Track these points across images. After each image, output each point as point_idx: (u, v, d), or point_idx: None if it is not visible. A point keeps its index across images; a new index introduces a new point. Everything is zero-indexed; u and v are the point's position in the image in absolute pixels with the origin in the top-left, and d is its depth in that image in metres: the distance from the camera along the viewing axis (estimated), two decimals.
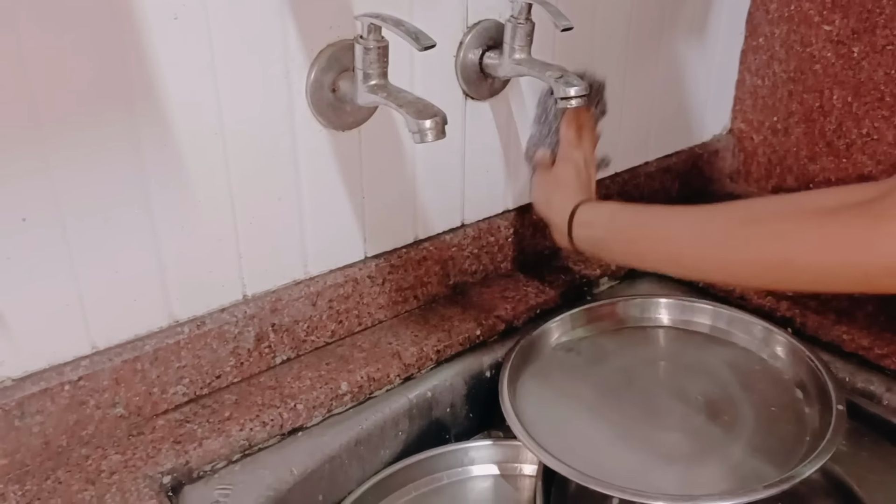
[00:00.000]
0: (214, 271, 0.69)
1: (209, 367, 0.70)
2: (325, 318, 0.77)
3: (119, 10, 0.56)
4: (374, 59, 0.65)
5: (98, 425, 0.65)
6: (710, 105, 1.10)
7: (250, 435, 0.67)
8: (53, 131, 0.56)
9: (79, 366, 0.63)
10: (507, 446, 0.75)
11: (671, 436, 0.71)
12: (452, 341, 0.80)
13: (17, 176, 0.56)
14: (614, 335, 0.84)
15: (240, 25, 0.62)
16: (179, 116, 0.62)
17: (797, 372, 0.76)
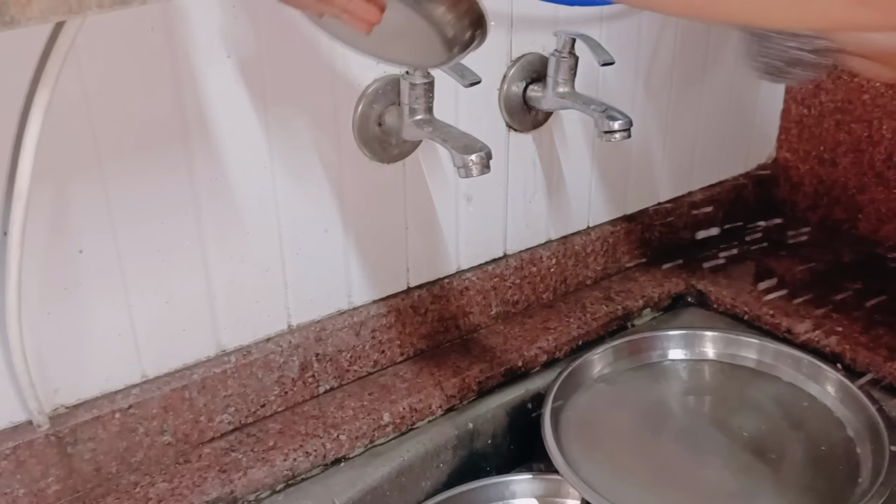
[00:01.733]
0: (261, 301, 0.70)
1: (254, 395, 0.71)
2: (367, 348, 0.78)
3: (176, 50, 0.58)
4: (420, 94, 0.66)
5: (146, 452, 0.66)
6: (755, 134, 1.10)
7: (294, 465, 0.68)
8: (112, 166, 0.58)
9: (129, 394, 0.64)
10: (549, 480, 0.75)
11: (716, 473, 0.70)
12: (494, 372, 0.80)
13: (78, 210, 0.58)
14: (657, 368, 0.83)
15: (290, 62, 0.64)
16: (231, 150, 0.63)
17: (847, 410, 0.75)
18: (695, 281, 0.96)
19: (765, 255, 1.02)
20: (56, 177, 0.56)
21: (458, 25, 0.52)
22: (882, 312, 0.87)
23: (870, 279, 0.95)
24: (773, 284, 0.95)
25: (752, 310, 0.90)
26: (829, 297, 0.91)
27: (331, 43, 0.65)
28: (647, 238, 0.99)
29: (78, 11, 0.36)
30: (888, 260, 1.00)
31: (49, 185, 0.56)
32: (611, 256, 0.96)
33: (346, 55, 0.67)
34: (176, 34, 0.57)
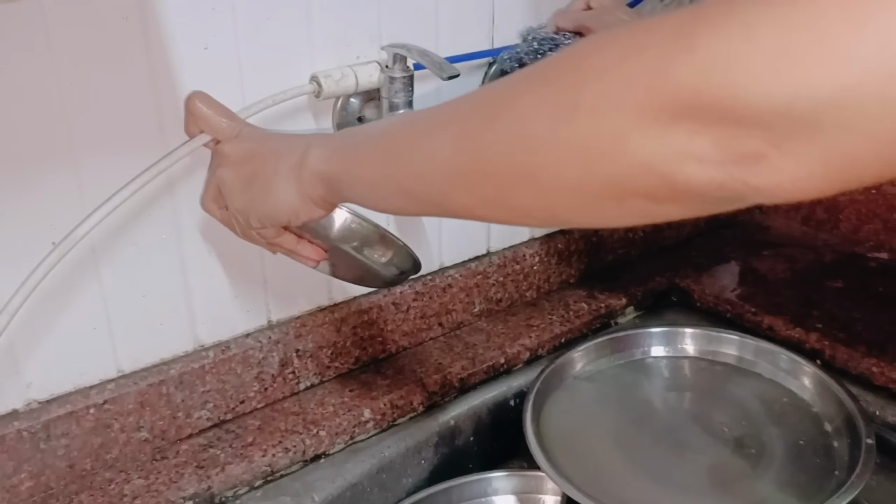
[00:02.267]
0: (240, 296, 0.70)
1: (233, 391, 0.70)
2: (349, 345, 0.77)
3: (151, 41, 0.57)
4: (400, 88, 0.66)
5: (122, 449, 0.65)
6: None
7: (273, 461, 0.67)
8: (87, 157, 0.58)
9: (105, 389, 0.64)
10: (530, 476, 0.74)
11: (697, 468, 0.70)
12: (476, 369, 0.80)
13: (50, 201, 0.57)
14: (639, 365, 0.83)
15: (268, 54, 0.64)
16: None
17: (825, 405, 0.75)
18: (678, 279, 0.96)
19: (747, 253, 1.02)
20: (30, 167, 0.56)
21: (391, 267, 0.62)
22: (861, 310, 0.88)
23: (850, 278, 0.95)
24: (756, 282, 0.95)
25: (735, 308, 0.91)
26: (810, 296, 0.91)
27: (310, 38, 0.66)
28: (631, 237, 0.99)
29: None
30: (868, 259, 1.00)
31: (22, 175, 0.55)
32: (594, 255, 0.96)
33: (327, 49, 0.66)
34: (151, 24, 0.57)
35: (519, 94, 0.37)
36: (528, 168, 0.37)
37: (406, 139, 0.45)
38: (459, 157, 0.40)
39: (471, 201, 0.41)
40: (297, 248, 0.58)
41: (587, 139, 0.34)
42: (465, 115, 0.41)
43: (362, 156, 0.47)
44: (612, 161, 0.34)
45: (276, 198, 0.52)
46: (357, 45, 0.68)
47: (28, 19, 0.52)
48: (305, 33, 0.65)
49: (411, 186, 0.44)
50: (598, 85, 0.33)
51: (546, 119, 0.35)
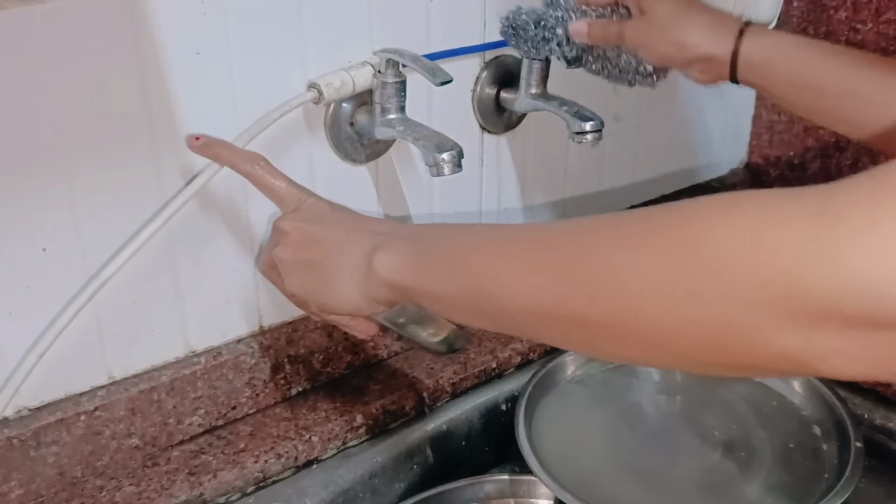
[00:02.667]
0: (231, 302, 0.69)
1: (225, 397, 0.70)
2: (340, 350, 0.77)
3: (143, 45, 0.57)
4: (392, 93, 0.66)
5: (113, 456, 0.65)
6: (727, 140, 1.11)
7: (265, 467, 0.67)
8: (76, 162, 0.57)
9: (95, 395, 0.63)
10: (522, 481, 0.75)
11: (687, 471, 0.70)
12: (468, 374, 0.80)
13: (40, 207, 0.57)
14: (629, 369, 0.83)
15: (259, 58, 0.63)
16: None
17: (814, 408, 0.75)
18: None
19: None
20: (20, 173, 0.55)
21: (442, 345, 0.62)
22: None
23: None
24: None
25: None
26: None
27: (300, 42, 0.66)
28: None
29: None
30: None
31: (12, 181, 0.55)
32: None
33: (319, 56, 0.66)
34: (143, 29, 0.57)
35: (626, 256, 0.35)
36: (637, 331, 0.35)
37: (492, 270, 0.43)
38: (556, 306, 0.39)
39: (563, 343, 0.42)
40: (350, 324, 0.58)
41: (712, 326, 0.32)
42: (563, 265, 0.39)
43: (438, 273, 0.46)
44: (742, 348, 0.32)
45: (339, 295, 0.52)
46: (349, 48, 0.68)
47: (18, 24, 0.52)
48: (297, 37, 0.65)
49: (495, 316, 0.43)
50: (723, 276, 0.31)
51: (661, 295, 0.33)
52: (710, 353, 0.33)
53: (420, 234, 0.51)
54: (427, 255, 0.48)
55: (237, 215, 0.67)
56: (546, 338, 0.43)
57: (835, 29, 1.00)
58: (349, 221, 0.55)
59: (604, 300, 0.36)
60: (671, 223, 0.34)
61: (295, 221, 0.55)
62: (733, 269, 0.31)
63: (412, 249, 0.48)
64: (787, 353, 0.31)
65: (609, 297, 0.36)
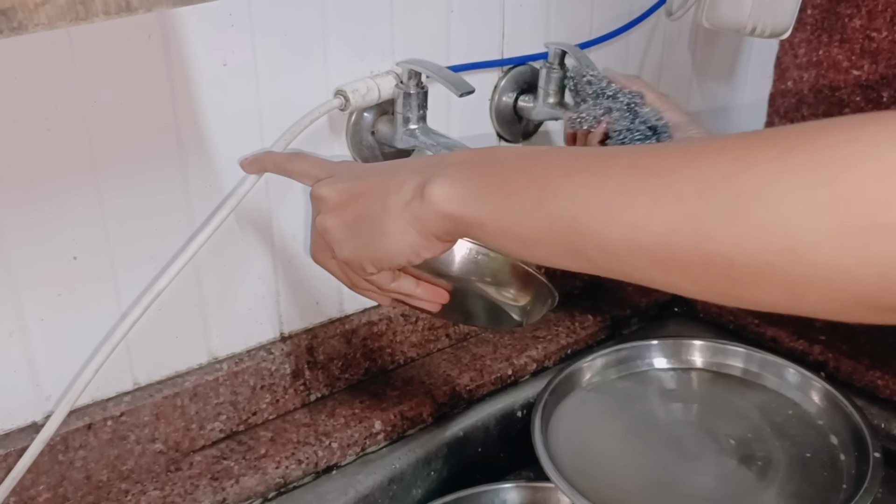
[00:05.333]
0: (254, 309, 0.70)
1: (246, 403, 0.71)
2: (359, 356, 0.78)
3: (172, 57, 0.58)
4: (414, 103, 0.67)
5: (138, 460, 0.65)
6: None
7: (286, 473, 0.68)
8: (107, 172, 0.58)
9: (121, 401, 0.64)
10: (539, 488, 0.75)
11: (703, 479, 0.71)
12: (485, 381, 0.81)
13: (71, 216, 0.58)
14: (645, 376, 0.84)
15: (285, 69, 0.64)
16: (225, 158, 0.63)
17: (831, 417, 0.76)
18: None
19: None
20: (52, 183, 0.56)
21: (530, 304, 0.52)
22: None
23: None
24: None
25: (738, 319, 0.92)
26: None
27: (324, 54, 0.66)
28: None
29: (85, 18, 0.36)
30: None
31: (43, 190, 0.56)
32: None
33: (342, 66, 0.67)
34: (173, 41, 0.58)
35: (786, 184, 0.29)
36: (793, 272, 0.30)
37: (588, 196, 0.35)
38: (677, 240, 0.32)
39: (683, 285, 0.34)
40: (416, 291, 0.51)
41: (892, 262, 0.28)
42: (684, 192, 0.32)
43: (516, 206, 0.38)
44: None
45: (392, 239, 0.45)
46: (371, 59, 0.69)
47: (54, 38, 0.52)
48: (321, 49, 0.66)
49: (593, 256, 0.36)
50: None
51: (829, 231, 0.28)
52: (876, 294, 0.29)
53: (482, 157, 0.43)
54: (496, 183, 0.40)
55: (262, 224, 0.68)
56: (659, 282, 0.34)
57: (849, 37, 1.00)
58: (390, 165, 0.48)
59: (752, 239, 0.30)
60: (852, 145, 0.29)
61: (330, 184, 0.49)
62: None
63: (474, 176, 0.41)
64: None
65: (760, 235, 0.30)
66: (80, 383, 0.59)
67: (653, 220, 0.33)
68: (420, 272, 0.50)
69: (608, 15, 0.86)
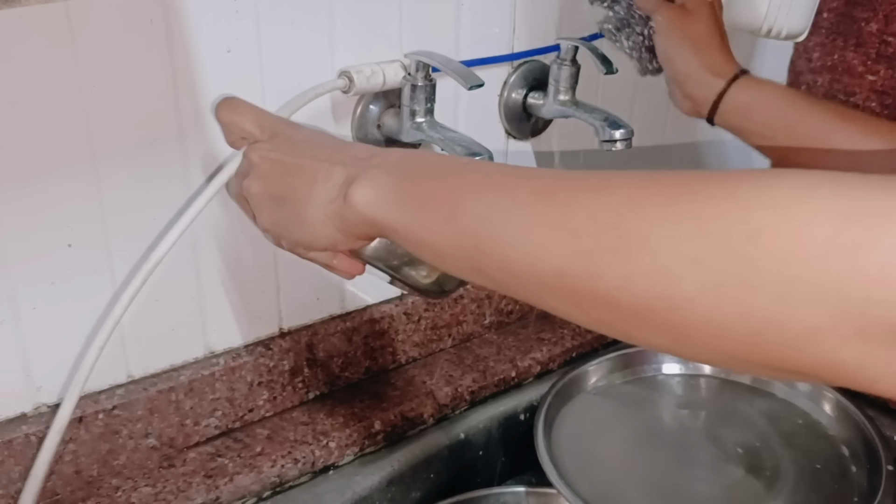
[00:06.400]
0: (253, 303, 0.69)
1: (242, 400, 0.69)
2: (359, 354, 0.76)
3: (175, 43, 0.57)
4: (422, 96, 0.65)
5: (130, 455, 0.64)
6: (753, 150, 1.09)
7: (282, 472, 0.66)
8: (105, 158, 0.57)
9: (114, 394, 0.62)
10: (541, 493, 0.73)
11: (709, 489, 0.69)
12: (487, 382, 0.79)
13: (67, 203, 0.56)
14: (652, 381, 0.82)
15: (290, 59, 0.63)
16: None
17: (842, 428, 0.74)
18: None
19: None
20: (49, 169, 0.55)
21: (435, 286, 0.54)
22: None
23: None
24: None
25: None
26: None
27: (331, 44, 0.65)
28: None
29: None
30: None
31: (39, 175, 0.54)
32: None
33: (348, 57, 0.66)
34: (175, 26, 0.56)
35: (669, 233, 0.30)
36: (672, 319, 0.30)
37: (496, 219, 0.36)
38: (570, 273, 0.32)
39: (576, 315, 0.34)
40: (332, 263, 0.52)
41: (760, 322, 0.28)
42: (579, 226, 0.32)
43: (426, 214, 0.39)
44: (791, 351, 0.28)
45: (312, 230, 0.46)
46: (378, 51, 0.67)
47: (54, 21, 0.51)
48: (328, 38, 0.64)
49: (495, 275, 0.36)
50: (789, 272, 0.27)
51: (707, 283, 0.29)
52: (748, 350, 0.29)
53: (406, 163, 0.43)
54: (413, 190, 0.40)
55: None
56: (556, 309, 0.35)
57: (865, 41, 0.98)
58: (324, 148, 0.47)
59: (635, 282, 0.30)
60: (727, 203, 0.29)
61: (265, 151, 0.49)
62: (803, 265, 0.26)
63: (394, 182, 0.41)
64: (843, 365, 0.27)
65: (642, 280, 0.30)
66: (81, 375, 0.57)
67: (549, 250, 0.34)
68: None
69: None
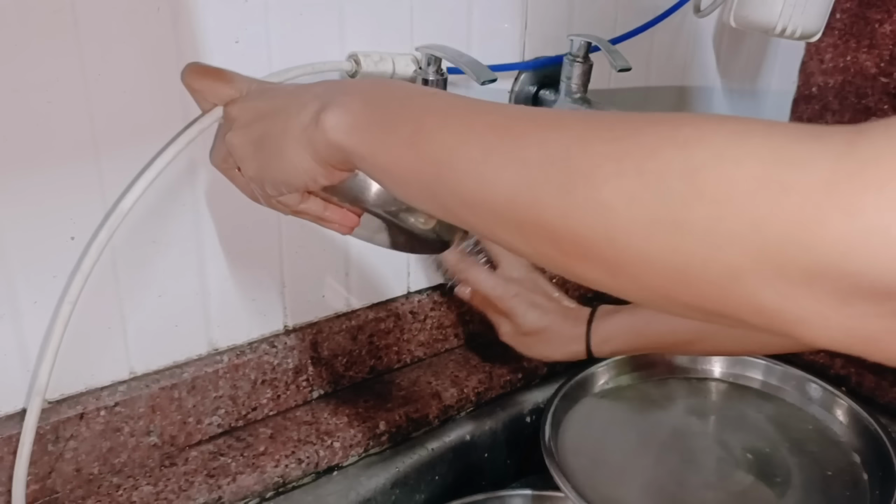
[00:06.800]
0: (257, 300, 0.67)
1: (245, 398, 0.68)
2: (364, 353, 0.75)
3: (182, 33, 0.55)
4: None
5: (131, 454, 0.63)
6: None
7: (285, 472, 0.65)
8: (109, 150, 0.55)
9: (116, 391, 0.61)
10: (546, 497, 0.72)
11: (718, 495, 0.68)
12: (493, 384, 0.78)
13: (70, 195, 0.55)
14: (661, 384, 0.81)
15: (298, 52, 0.62)
16: None
17: (854, 435, 0.73)
18: None
19: None
20: (51, 160, 0.53)
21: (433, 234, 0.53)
22: None
23: None
24: None
25: None
26: None
27: (341, 36, 0.64)
28: None
29: None
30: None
31: (42, 167, 0.53)
32: None
33: (356, 47, 0.64)
34: (183, 15, 0.55)
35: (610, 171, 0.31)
36: (608, 254, 0.32)
37: (453, 148, 0.37)
38: (518, 202, 0.34)
39: (522, 247, 0.35)
40: (324, 214, 0.51)
41: (687, 259, 0.29)
42: (530, 158, 0.34)
43: (390, 141, 0.39)
44: (715, 289, 0.29)
45: (289, 162, 0.45)
46: (389, 45, 0.66)
47: (58, 7, 0.50)
48: (337, 30, 0.63)
49: (449, 204, 0.38)
50: (716, 210, 0.28)
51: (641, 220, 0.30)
52: (677, 288, 0.30)
53: (376, 90, 0.43)
54: (380, 117, 0.41)
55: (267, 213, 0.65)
56: (503, 241, 0.36)
57: (878, 43, 0.97)
58: (299, 86, 0.48)
59: (576, 215, 0.32)
60: (668, 142, 0.30)
61: (243, 102, 0.49)
62: (729, 204, 0.28)
63: (363, 108, 0.41)
64: (765, 306, 0.28)
65: (582, 212, 0.32)
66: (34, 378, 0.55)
67: (500, 179, 0.35)
68: (329, 196, 0.50)
69: (632, 10, 0.83)
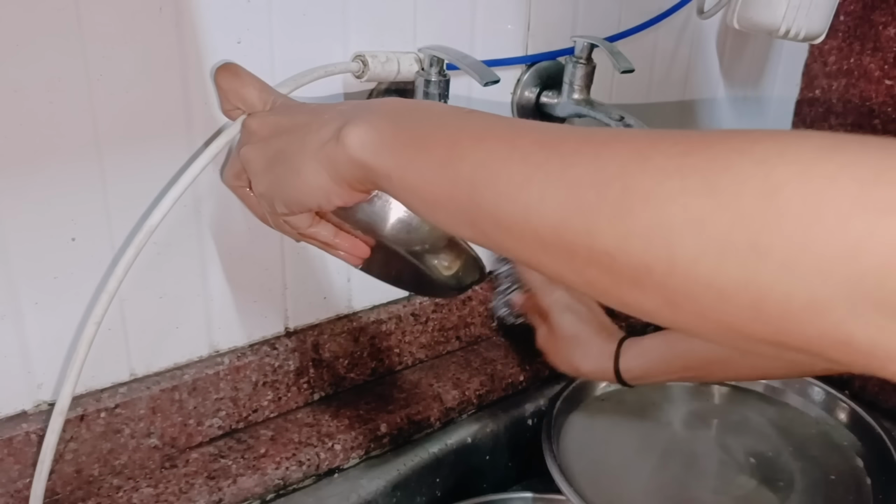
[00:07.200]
0: (259, 301, 0.67)
1: (247, 400, 0.68)
2: (366, 355, 0.75)
3: (184, 33, 0.55)
4: (436, 91, 0.64)
5: (131, 455, 0.62)
6: None
7: (286, 474, 0.65)
8: (111, 151, 0.55)
9: (116, 392, 0.61)
10: (548, 500, 0.72)
11: (720, 499, 0.68)
12: (495, 386, 0.78)
13: (72, 196, 0.55)
14: (663, 388, 0.81)
15: (302, 52, 0.61)
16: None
17: (857, 439, 0.73)
18: None
19: None
20: (52, 160, 0.53)
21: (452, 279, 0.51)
22: None
23: None
24: None
25: None
26: None
27: (344, 37, 0.63)
28: None
29: None
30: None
31: (43, 168, 0.53)
32: None
33: (359, 48, 0.64)
34: (185, 15, 0.55)
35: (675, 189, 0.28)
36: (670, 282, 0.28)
37: (494, 169, 0.34)
38: (566, 227, 0.31)
39: (568, 275, 0.32)
40: (333, 241, 0.48)
41: (764, 290, 0.26)
42: (580, 178, 0.31)
43: (421, 160, 0.37)
44: (795, 324, 0.26)
45: (303, 179, 0.43)
46: (392, 46, 0.66)
47: (61, 6, 0.50)
48: (341, 31, 0.63)
49: (488, 230, 0.34)
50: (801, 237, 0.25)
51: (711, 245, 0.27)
52: (749, 322, 0.27)
53: (404, 108, 0.41)
54: (410, 136, 0.38)
55: None
56: (548, 269, 0.33)
57: (883, 46, 0.97)
58: (323, 105, 0.46)
59: (633, 240, 0.29)
60: (743, 157, 0.27)
61: (264, 116, 0.48)
62: (818, 227, 0.24)
63: (390, 126, 0.39)
64: (854, 341, 0.25)
65: (641, 237, 0.28)
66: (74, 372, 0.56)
67: (546, 203, 0.32)
68: (342, 222, 0.47)
69: (636, 12, 0.83)
